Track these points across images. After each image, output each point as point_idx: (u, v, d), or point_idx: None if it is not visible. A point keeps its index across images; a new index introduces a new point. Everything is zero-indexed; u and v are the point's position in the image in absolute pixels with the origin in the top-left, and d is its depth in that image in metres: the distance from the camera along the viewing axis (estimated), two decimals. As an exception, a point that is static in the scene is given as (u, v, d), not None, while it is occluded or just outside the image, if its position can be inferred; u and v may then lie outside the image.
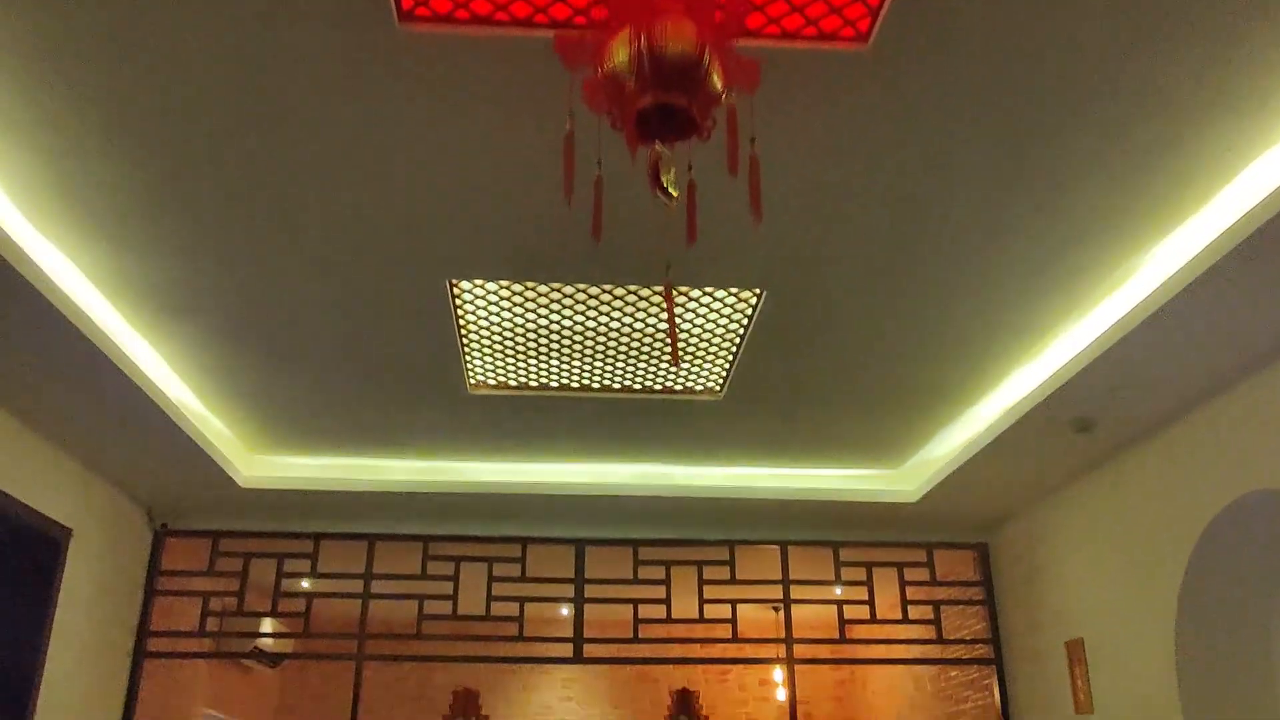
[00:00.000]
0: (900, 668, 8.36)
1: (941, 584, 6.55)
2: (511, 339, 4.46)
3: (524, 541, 6.41)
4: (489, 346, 4.52)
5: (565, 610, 6.63)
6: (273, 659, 8.24)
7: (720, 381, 4.84)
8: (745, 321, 4.27)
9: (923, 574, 6.53)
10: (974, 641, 6.57)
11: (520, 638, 6.30)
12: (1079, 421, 4.70)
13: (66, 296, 3.73)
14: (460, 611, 6.26)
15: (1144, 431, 4.82)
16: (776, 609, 8.16)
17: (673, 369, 4.72)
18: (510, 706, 9.46)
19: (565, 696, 9.59)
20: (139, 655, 6.05)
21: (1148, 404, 4.51)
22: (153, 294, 3.97)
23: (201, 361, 4.58)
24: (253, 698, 8.61)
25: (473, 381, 4.85)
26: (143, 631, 6.09)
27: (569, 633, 6.39)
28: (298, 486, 5.88)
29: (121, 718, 5.90)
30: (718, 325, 4.32)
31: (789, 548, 6.52)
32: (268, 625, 7.66)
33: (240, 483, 5.75)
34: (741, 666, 9.70)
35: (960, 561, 6.77)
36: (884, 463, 5.99)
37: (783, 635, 6.49)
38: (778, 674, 9.13)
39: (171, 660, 6.55)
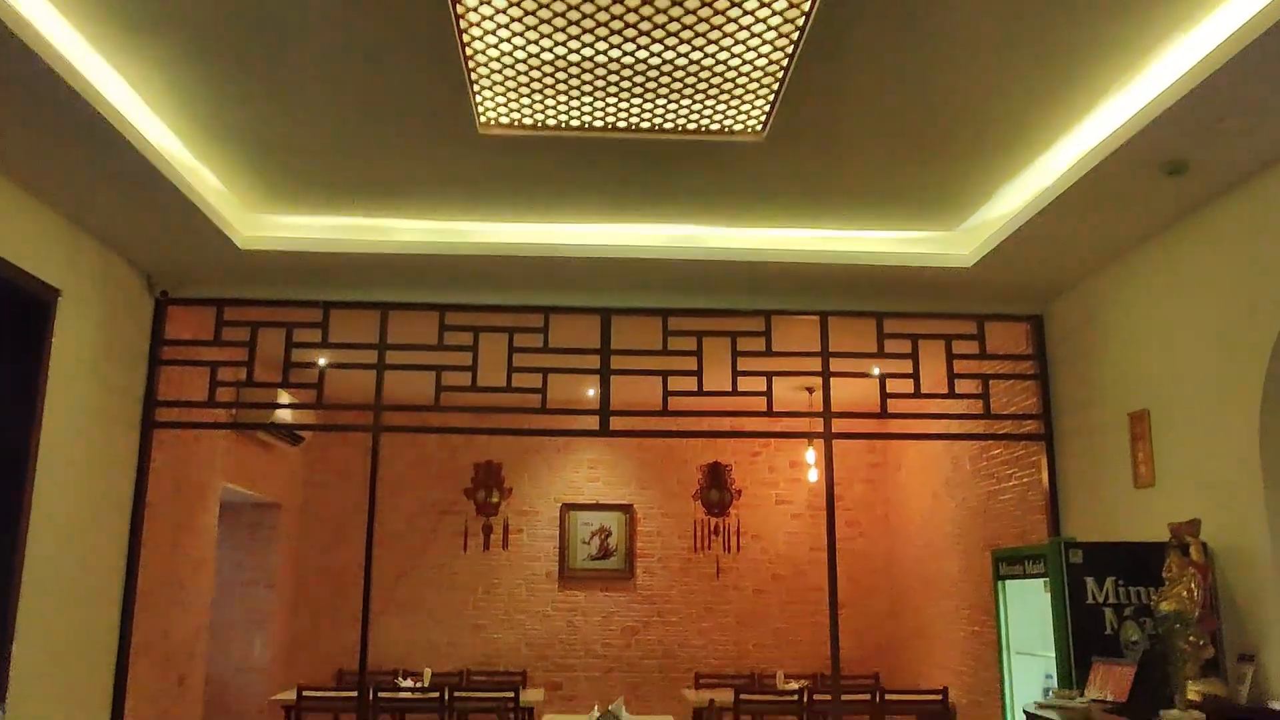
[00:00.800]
0: (937, 448, 8.10)
1: (991, 357, 6.15)
2: (525, 71, 3.88)
3: (546, 311, 6.02)
4: (500, 80, 3.95)
5: (591, 392, 6.32)
6: (293, 436, 8.08)
7: (761, 120, 4.27)
8: (790, 48, 3.68)
9: (971, 347, 6.12)
10: (1022, 417, 6.21)
11: (543, 409, 6.01)
12: (1171, 164, 4.14)
13: (19, 15, 3.21)
14: (480, 384, 5.96)
15: (1241, 177, 4.25)
16: (810, 390, 7.91)
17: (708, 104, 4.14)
18: (536, 487, 9.37)
19: (591, 478, 9.48)
20: (147, 425, 5.82)
21: (1254, 142, 3.92)
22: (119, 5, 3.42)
23: (182, 96, 4.07)
24: (276, 474, 8.52)
25: (483, 120, 4.30)
26: (149, 401, 5.84)
27: (594, 424, 6.09)
28: (301, 249, 5.46)
29: (134, 487, 5.72)
30: (759, 54, 3.73)
31: (829, 319, 6.10)
32: (285, 400, 7.45)
33: (239, 244, 5.33)
34: (772, 448, 9.51)
35: (1011, 335, 6.35)
36: (938, 222, 5.46)
37: (818, 414, 6.15)
38: (809, 455, 8.93)
39: (185, 433, 6.37)
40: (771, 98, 4.07)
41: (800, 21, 3.52)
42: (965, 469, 7.49)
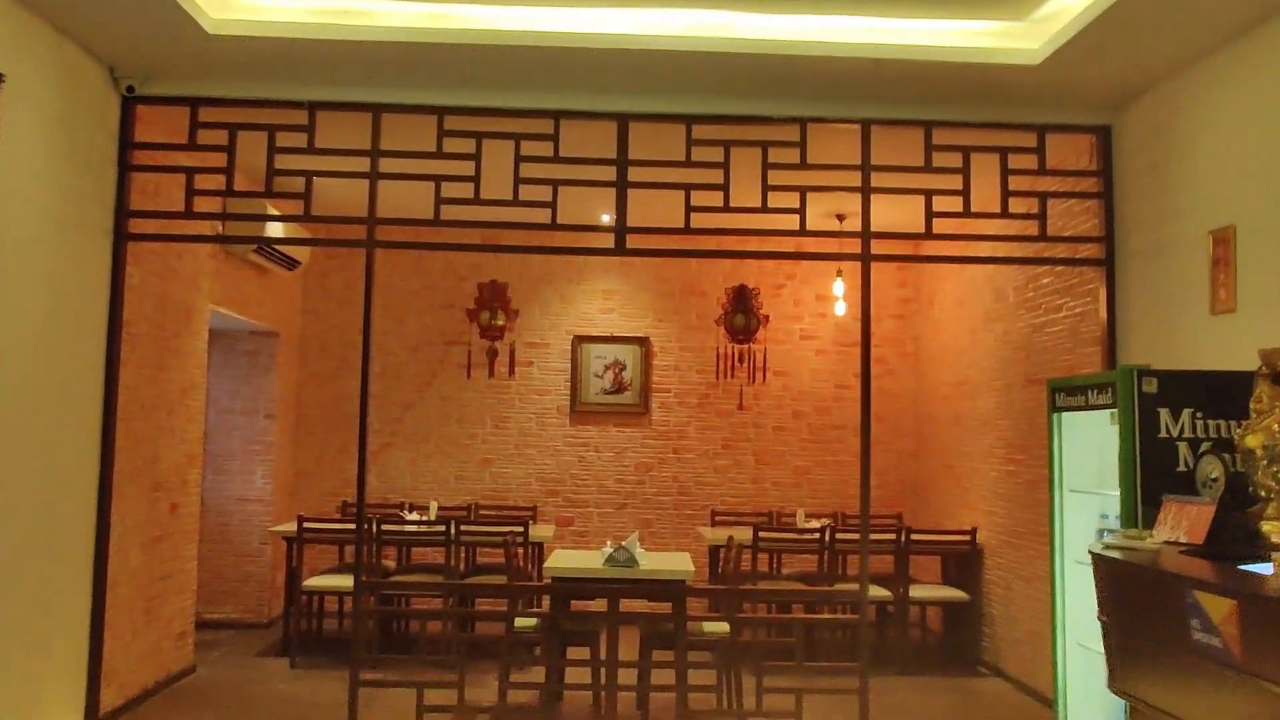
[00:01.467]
0: (977, 280, 7.55)
1: (1051, 173, 5.54)
2: None
3: (557, 116, 5.41)
4: None
5: (606, 217, 5.75)
6: (287, 260, 7.57)
7: None
8: None
9: (1029, 161, 5.51)
10: (1081, 240, 5.64)
11: (553, 225, 5.47)
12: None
13: None
14: (484, 197, 5.40)
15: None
16: (841, 218, 7.32)
17: None
18: (546, 318, 8.90)
19: (605, 309, 8.99)
20: (120, 237, 5.31)
21: None
22: None
23: None
24: (272, 300, 8.05)
25: None
26: (121, 211, 5.32)
27: (609, 243, 5.55)
28: (278, 34, 4.83)
29: (109, 303, 5.26)
30: None
31: (871, 127, 5.47)
32: (277, 226, 6.91)
33: (206, 27, 4.69)
34: (798, 281, 8.98)
35: (1072, 150, 5.72)
36: (1007, 10, 4.77)
37: (855, 234, 5.58)
38: (838, 286, 8.39)
39: (166, 250, 5.89)
40: None
41: None
42: (1008, 300, 6.96)
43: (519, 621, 5.79)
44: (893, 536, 7.04)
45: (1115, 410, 4.03)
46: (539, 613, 6.05)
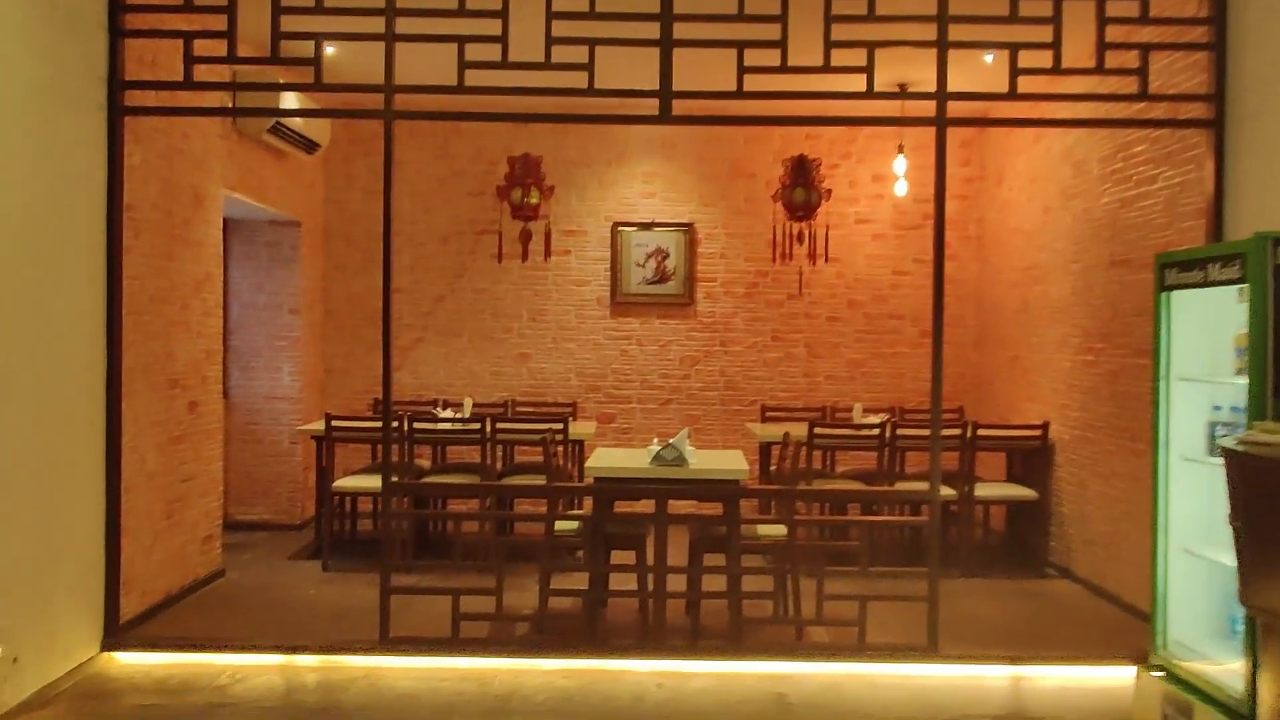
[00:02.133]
0: (1055, 151, 6.89)
1: (1154, 22, 4.87)
2: None
3: (593, -36, 4.80)
4: None
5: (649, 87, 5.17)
6: (306, 142, 7.07)
7: None
8: None
9: (1129, 8, 4.83)
10: (1187, 98, 4.98)
11: (590, 91, 4.90)
12: None
13: None
14: (512, 59, 4.84)
15: None
16: (902, 87, 6.67)
17: None
18: (584, 204, 8.35)
19: (647, 193, 8.42)
20: (115, 110, 4.82)
21: None
22: None
23: None
24: (291, 187, 7.57)
25: None
26: (115, 82, 4.81)
27: (653, 110, 4.98)
28: None
29: (107, 185, 4.80)
30: None
31: (949, -28, 4.81)
32: (290, 101, 6.39)
33: None
34: (853, 160, 8.36)
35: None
36: None
37: (928, 95, 4.97)
38: (899, 164, 7.76)
39: (170, 128, 5.42)
40: None
41: None
42: (1091, 174, 6.32)
43: (559, 524, 5.41)
44: (957, 432, 6.57)
45: (1244, 286, 3.48)
46: (581, 515, 5.67)
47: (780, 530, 5.27)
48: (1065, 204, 6.71)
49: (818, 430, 6.56)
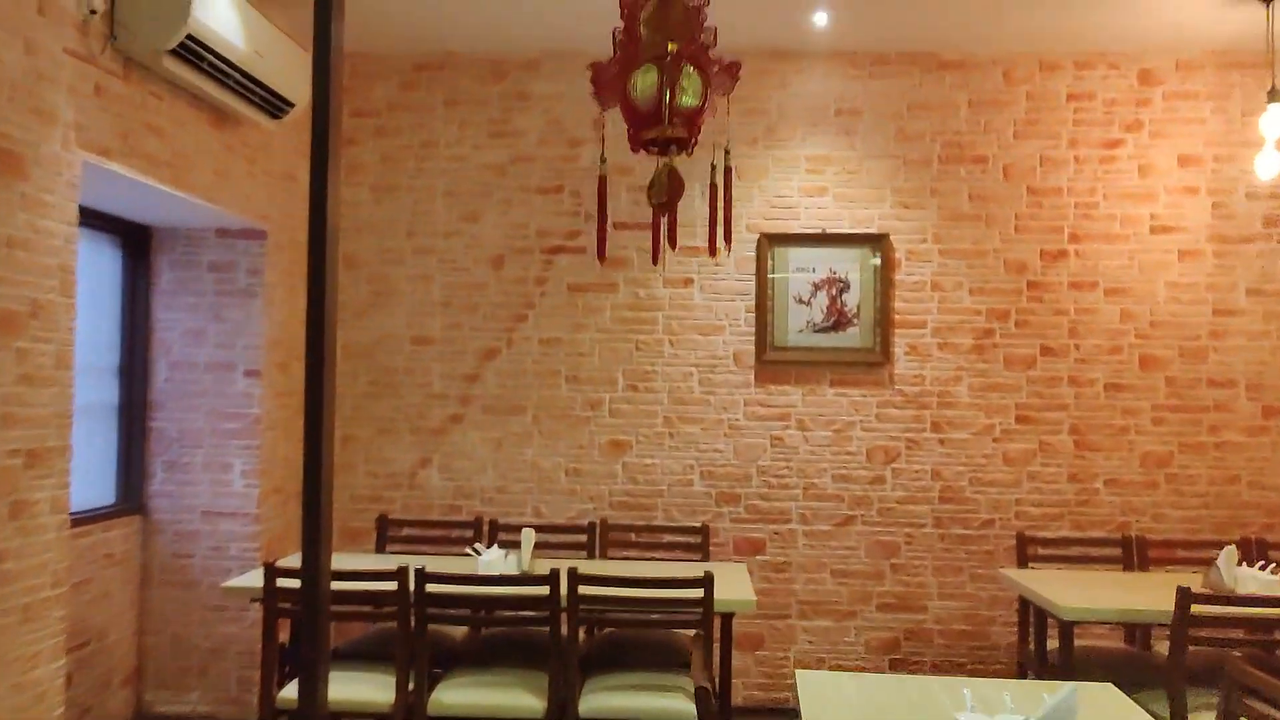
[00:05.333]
0: None
1: None
2: None
3: None
4: None
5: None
6: (265, 94, 4.21)
7: None
8: None
9: None
10: None
11: None
12: None
13: None
14: None
15: None
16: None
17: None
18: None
19: (813, 189, 5.32)
20: None
21: None
22: None
23: None
24: (244, 172, 4.68)
25: None
26: None
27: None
28: None
29: None
30: None
31: None
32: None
33: None
34: (1145, 132, 5.25)
35: None
36: None
37: None
38: (1268, 122, 4.65)
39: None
40: None
41: None
42: None
43: None
44: None
45: None
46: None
47: None
48: None
49: (1196, 608, 3.38)
